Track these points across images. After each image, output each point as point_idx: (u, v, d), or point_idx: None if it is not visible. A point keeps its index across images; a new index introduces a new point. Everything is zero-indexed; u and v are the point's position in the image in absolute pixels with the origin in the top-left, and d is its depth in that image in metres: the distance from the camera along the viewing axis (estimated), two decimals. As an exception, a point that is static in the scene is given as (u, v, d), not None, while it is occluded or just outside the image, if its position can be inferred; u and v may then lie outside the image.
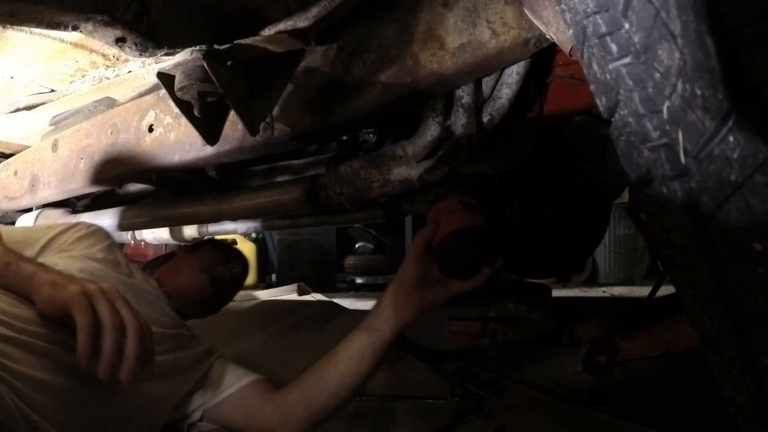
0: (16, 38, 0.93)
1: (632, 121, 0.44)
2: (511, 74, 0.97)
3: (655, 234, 0.47)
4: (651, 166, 0.44)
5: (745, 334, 0.39)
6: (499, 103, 0.99)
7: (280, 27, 0.88)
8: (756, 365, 0.40)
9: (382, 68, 0.91)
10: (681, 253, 0.43)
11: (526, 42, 0.85)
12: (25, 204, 1.60)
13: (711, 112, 0.36)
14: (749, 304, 0.38)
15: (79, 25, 0.72)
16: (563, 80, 1.06)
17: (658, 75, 0.40)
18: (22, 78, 1.09)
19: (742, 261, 0.37)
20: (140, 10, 0.76)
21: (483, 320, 1.75)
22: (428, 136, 0.99)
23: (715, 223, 0.39)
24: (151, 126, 1.19)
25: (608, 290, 3.68)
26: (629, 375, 1.49)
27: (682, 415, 1.23)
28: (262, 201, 1.25)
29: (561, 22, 0.79)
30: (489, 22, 0.85)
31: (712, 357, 0.46)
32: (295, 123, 0.99)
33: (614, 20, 0.45)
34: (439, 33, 0.87)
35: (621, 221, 4.11)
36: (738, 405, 0.44)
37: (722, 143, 0.36)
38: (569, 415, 1.21)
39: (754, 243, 0.36)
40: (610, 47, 0.45)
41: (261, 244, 4.91)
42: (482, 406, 1.26)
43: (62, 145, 1.43)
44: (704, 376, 0.55)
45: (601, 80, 0.48)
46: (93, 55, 1.00)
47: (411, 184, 1.02)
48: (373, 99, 0.92)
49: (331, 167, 1.09)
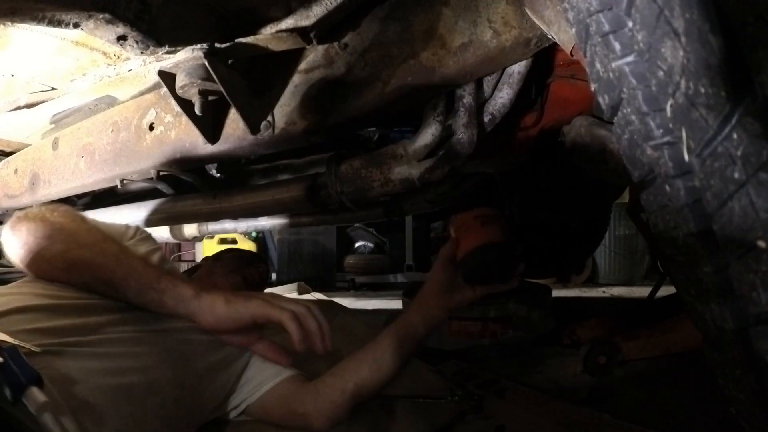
0: (17, 36, 0.93)
1: (635, 119, 0.44)
2: (512, 74, 0.97)
3: (658, 232, 0.47)
4: (654, 164, 0.44)
5: (748, 333, 0.39)
6: (500, 102, 1.00)
7: (282, 26, 0.88)
8: (758, 364, 0.40)
9: (383, 67, 0.91)
10: (684, 252, 0.43)
11: (527, 41, 0.85)
12: (25, 202, 1.59)
13: (715, 110, 0.36)
14: (752, 302, 0.38)
15: (80, 22, 0.72)
16: (564, 80, 1.06)
17: (662, 73, 0.40)
18: (23, 76, 1.09)
19: (745, 259, 0.37)
20: (142, 8, 0.76)
21: (483, 320, 1.75)
22: (429, 136, 0.99)
23: (719, 221, 0.39)
24: (152, 124, 1.19)
25: (608, 290, 3.68)
26: (629, 375, 1.49)
27: (682, 415, 1.23)
28: (262, 200, 1.25)
29: (562, 22, 0.79)
30: (490, 21, 0.85)
31: (714, 356, 0.45)
32: (296, 121, 0.99)
33: (617, 19, 0.44)
34: (441, 32, 0.87)
35: (621, 222, 4.11)
36: (740, 404, 0.44)
37: (726, 141, 0.36)
38: (569, 415, 1.20)
39: (757, 241, 0.36)
40: (613, 45, 0.45)
41: (261, 243, 4.91)
42: (482, 406, 1.25)
43: (63, 143, 1.43)
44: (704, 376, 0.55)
45: (604, 79, 0.48)
46: (94, 53, 1.00)
47: (412, 183, 1.02)
48: (375, 98, 0.92)
49: (332, 166, 1.09)
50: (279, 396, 1.05)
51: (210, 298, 0.83)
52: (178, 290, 0.83)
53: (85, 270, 0.83)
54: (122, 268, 0.83)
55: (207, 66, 0.86)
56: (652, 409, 1.29)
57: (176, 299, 0.83)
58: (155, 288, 0.82)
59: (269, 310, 0.83)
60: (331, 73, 0.95)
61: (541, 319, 1.84)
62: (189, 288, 0.84)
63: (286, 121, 1.00)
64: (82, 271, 0.83)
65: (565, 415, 1.20)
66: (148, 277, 0.83)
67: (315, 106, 0.97)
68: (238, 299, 0.84)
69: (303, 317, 0.83)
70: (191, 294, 0.83)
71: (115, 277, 0.82)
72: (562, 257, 2.88)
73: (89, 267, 0.83)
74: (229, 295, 0.85)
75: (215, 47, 0.87)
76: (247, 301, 0.84)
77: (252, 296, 0.86)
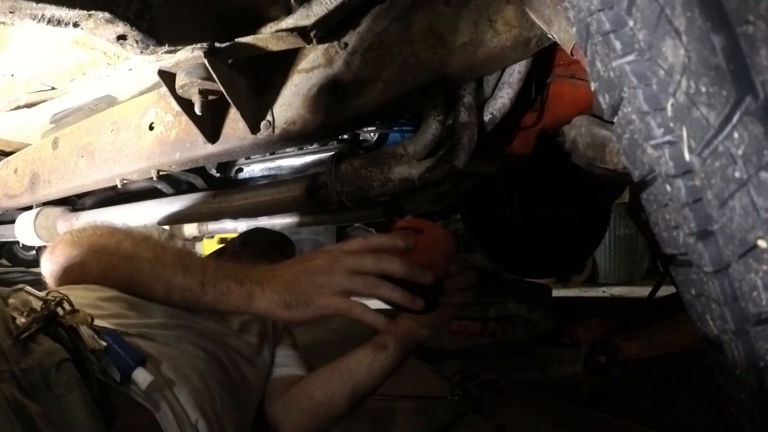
0: (17, 35, 0.93)
1: (636, 118, 0.44)
2: (513, 73, 0.97)
3: (658, 232, 0.47)
4: (654, 164, 0.44)
5: (749, 332, 0.39)
6: (500, 102, 0.99)
7: (282, 25, 0.87)
8: (759, 363, 0.40)
9: (384, 67, 0.91)
10: (684, 252, 0.43)
11: (527, 41, 0.85)
12: (25, 202, 1.59)
13: (716, 109, 0.36)
14: (753, 302, 0.37)
15: (80, 22, 0.72)
16: (564, 79, 1.06)
17: (663, 72, 0.40)
18: (23, 75, 1.09)
19: (745, 258, 0.37)
20: (142, 7, 0.76)
21: (483, 320, 1.75)
22: (429, 135, 0.99)
23: (719, 220, 0.39)
24: (152, 124, 1.19)
25: (608, 290, 3.68)
26: (629, 375, 1.49)
27: (682, 415, 1.23)
28: (262, 199, 1.25)
29: (562, 21, 0.79)
30: (491, 21, 0.85)
31: (714, 356, 0.45)
32: (296, 121, 0.99)
33: (618, 17, 0.44)
34: (441, 31, 0.87)
35: (621, 221, 4.11)
36: (740, 403, 0.44)
37: (727, 140, 0.36)
38: (569, 415, 1.20)
39: (758, 240, 0.36)
40: (614, 44, 0.45)
41: (261, 243, 4.91)
42: (482, 406, 1.26)
43: (63, 143, 1.43)
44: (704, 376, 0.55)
45: (605, 78, 0.48)
46: (94, 53, 1.00)
47: (412, 182, 1.01)
48: (375, 97, 0.92)
49: (332, 165, 1.09)
50: (272, 390, 1.03)
51: (265, 306, 0.77)
52: (230, 300, 0.78)
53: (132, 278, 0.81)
54: (188, 278, 0.80)
55: (207, 65, 0.86)
56: (652, 409, 1.29)
57: (240, 299, 0.78)
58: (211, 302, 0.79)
59: (336, 308, 0.75)
60: (332, 72, 0.95)
61: (541, 319, 1.84)
62: (241, 297, 0.78)
63: (286, 120, 1.00)
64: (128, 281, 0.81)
65: (565, 415, 1.20)
66: (211, 295, 0.79)
67: (315, 106, 0.97)
68: (298, 305, 0.76)
69: (377, 288, 0.74)
70: (245, 305, 0.78)
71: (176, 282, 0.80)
72: (562, 257, 2.89)
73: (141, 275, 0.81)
74: (288, 298, 0.76)
75: (215, 47, 0.87)
76: (306, 306, 0.76)
77: (312, 294, 0.76)
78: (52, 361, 0.58)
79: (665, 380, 1.45)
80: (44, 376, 0.57)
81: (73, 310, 0.66)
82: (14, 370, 0.55)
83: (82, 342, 0.63)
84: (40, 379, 0.56)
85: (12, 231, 1.67)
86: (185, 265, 0.80)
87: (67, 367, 0.58)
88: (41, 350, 0.59)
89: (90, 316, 0.67)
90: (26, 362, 0.57)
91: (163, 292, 0.79)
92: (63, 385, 0.57)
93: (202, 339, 0.85)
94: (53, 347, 0.60)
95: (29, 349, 0.59)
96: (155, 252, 0.82)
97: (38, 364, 0.57)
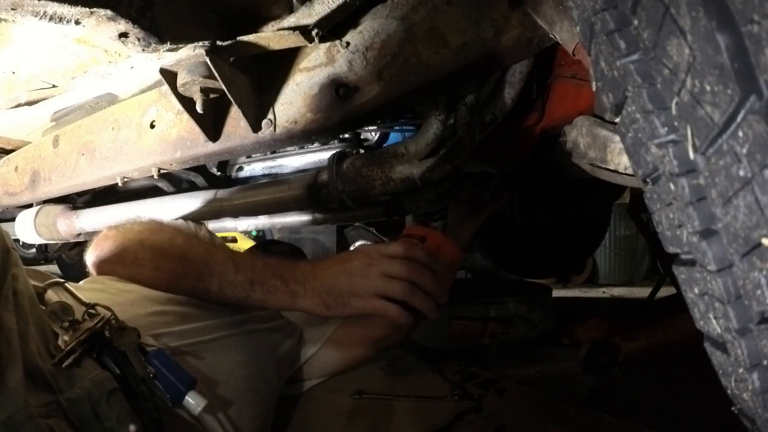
0: (18, 33, 0.93)
1: (640, 117, 0.44)
2: (514, 73, 0.97)
3: (662, 231, 0.47)
4: (658, 163, 0.44)
5: (752, 331, 0.39)
6: (501, 101, 1.00)
7: (284, 24, 0.87)
8: (762, 362, 0.40)
9: (385, 66, 0.91)
10: (688, 251, 0.43)
11: (529, 41, 0.85)
12: (26, 200, 1.59)
13: (720, 108, 0.36)
14: (757, 300, 0.37)
15: (81, 19, 0.72)
16: (565, 79, 1.06)
17: (667, 71, 0.40)
18: (24, 73, 1.09)
19: (749, 257, 0.37)
20: (144, 5, 0.76)
21: (483, 320, 1.75)
22: (430, 134, 0.99)
23: (723, 219, 0.39)
24: (153, 122, 1.19)
25: (608, 291, 3.69)
26: (629, 375, 1.49)
27: (682, 415, 1.23)
28: (263, 198, 1.25)
29: (564, 21, 0.79)
30: (492, 20, 0.85)
31: (716, 355, 0.45)
32: (297, 120, 0.99)
33: (623, 17, 0.44)
34: (443, 31, 0.87)
35: (621, 222, 4.12)
36: (742, 403, 0.44)
37: (731, 139, 0.36)
38: (569, 415, 1.20)
39: (762, 239, 0.36)
40: (619, 44, 0.45)
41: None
42: (482, 406, 1.25)
43: (63, 141, 1.43)
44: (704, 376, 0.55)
45: (609, 77, 0.48)
46: (95, 51, 0.99)
47: (413, 182, 1.01)
48: (376, 97, 0.92)
49: (333, 165, 1.09)
50: (338, 341, 1.09)
51: (307, 306, 0.81)
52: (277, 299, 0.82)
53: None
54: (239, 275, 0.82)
55: (209, 64, 0.86)
56: (652, 409, 1.29)
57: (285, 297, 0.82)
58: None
59: (372, 310, 0.80)
60: (333, 71, 0.95)
61: (541, 319, 1.84)
62: (287, 296, 0.82)
63: (287, 119, 1.00)
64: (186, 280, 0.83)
65: (565, 415, 1.20)
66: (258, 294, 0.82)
67: (316, 105, 0.97)
68: (336, 305, 0.81)
69: (411, 296, 0.80)
70: (289, 304, 0.82)
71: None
72: (562, 257, 2.89)
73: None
74: (327, 299, 0.81)
75: (217, 45, 0.87)
76: (344, 306, 0.81)
77: (350, 295, 0.81)
78: (102, 391, 0.55)
79: (665, 380, 1.46)
80: (94, 407, 0.54)
81: (120, 327, 0.63)
82: (61, 400, 0.52)
83: (131, 367, 0.60)
84: (89, 412, 0.53)
85: (12, 229, 1.67)
86: (235, 262, 0.82)
87: (117, 398, 0.55)
88: (90, 379, 0.56)
89: (137, 334, 0.64)
90: (73, 392, 0.54)
91: (217, 287, 0.81)
92: (114, 419, 0.54)
93: (248, 343, 0.87)
94: (102, 376, 0.57)
95: (74, 375, 0.55)
96: (207, 248, 0.84)
97: (87, 395, 0.54)
